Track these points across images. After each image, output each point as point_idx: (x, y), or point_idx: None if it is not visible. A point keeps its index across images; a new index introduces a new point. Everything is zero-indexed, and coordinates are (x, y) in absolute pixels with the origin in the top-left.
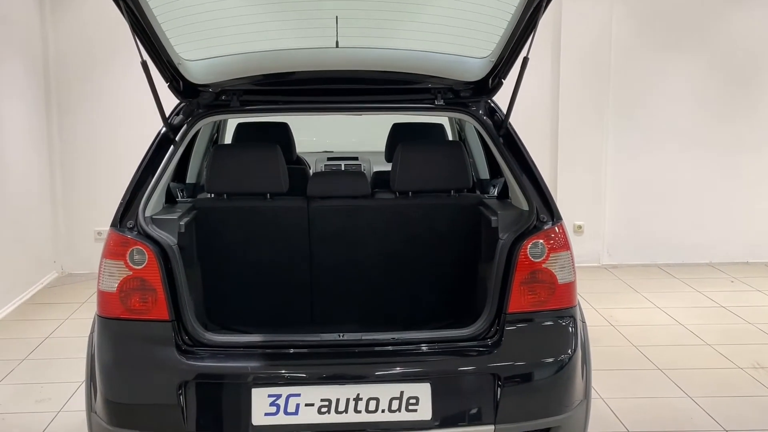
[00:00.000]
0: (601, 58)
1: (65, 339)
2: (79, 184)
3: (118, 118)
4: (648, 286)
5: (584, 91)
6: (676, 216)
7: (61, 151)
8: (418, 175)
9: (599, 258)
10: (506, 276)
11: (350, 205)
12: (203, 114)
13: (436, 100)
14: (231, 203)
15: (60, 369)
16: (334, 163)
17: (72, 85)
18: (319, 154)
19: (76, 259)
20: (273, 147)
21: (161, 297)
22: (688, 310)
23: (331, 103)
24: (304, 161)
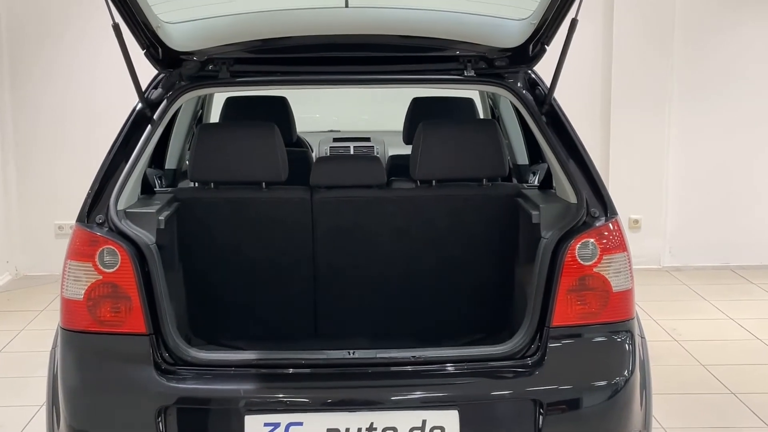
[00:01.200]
0: (663, 22)
1: (20, 354)
2: (37, 170)
3: (85, 93)
4: (718, 293)
5: (643, 60)
6: (754, 210)
7: (14, 131)
8: (443, 161)
9: (660, 259)
10: (550, 282)
11: (361, 197)
12: (186, 87)
13: (465, 70)
14: (219, 194)
15: (14, 391)
16: (341, 145)
17: (27, 56)
18: (323, 134)
19: (33, 259)
20: (269, 126)
21: (137, 306)
22: (767, 322)
23: (338, 75)
24: (305, 143)
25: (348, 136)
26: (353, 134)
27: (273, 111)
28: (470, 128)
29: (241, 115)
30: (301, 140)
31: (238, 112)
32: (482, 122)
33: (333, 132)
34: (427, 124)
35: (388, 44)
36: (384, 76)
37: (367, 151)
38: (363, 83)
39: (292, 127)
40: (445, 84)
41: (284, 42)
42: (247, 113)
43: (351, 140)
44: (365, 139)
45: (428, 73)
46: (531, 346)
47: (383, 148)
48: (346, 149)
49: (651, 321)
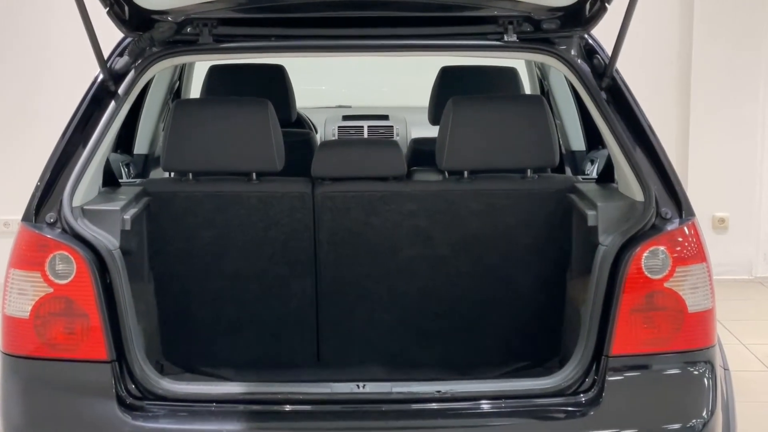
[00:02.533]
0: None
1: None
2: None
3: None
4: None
5: (732, 20)
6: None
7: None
8: (478, 147)
9: (751, 267)
10: (609, 300)
11: (375, 192)
12: (159, 55)
13: (505, 34)
14: (199, 187)
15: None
16: (352, 124)
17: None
18: (330, 110)
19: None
20: (261, 103)
21: (96, 326)
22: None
23: (348, 39)
24: (307, 122)
25: (361, 114)
26: (367, 111)
27: (267, 83)
28: (512, 106)
29: (227, 88)
30: (302, 119)
31: (223, 84)
32: (527, 99)
33: (342, 108)
34: (459, 100)
35: (410, 1)
36: (405, 41)
37: (385, 132)
38: (379, 50)
39: (290, 102)
40: (481, 51)
41: None
42: (235, 86)
43: (364, 118)
44: (382, 117)
45: (460, 38)
46: (585, 380)
47: (404, 129)
48: (359, 130)
49: (739, 346)
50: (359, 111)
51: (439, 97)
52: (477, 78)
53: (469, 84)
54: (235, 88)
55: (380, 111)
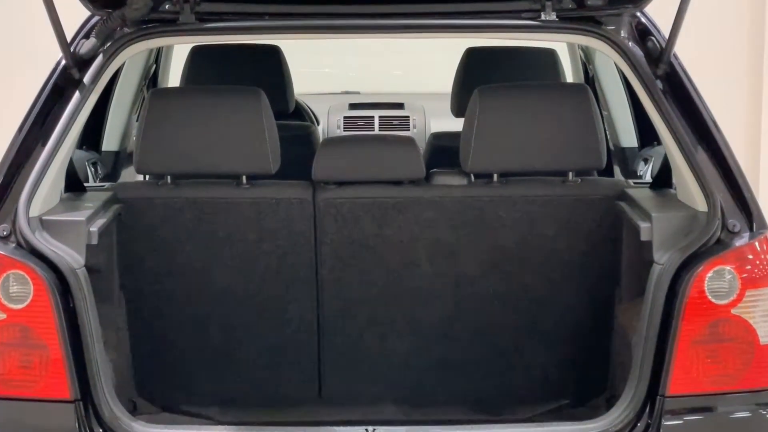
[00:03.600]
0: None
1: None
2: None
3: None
4: None
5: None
6: None
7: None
8: (510, 145)
9: None
10: (666, 329)
11: (389, 198)
12: (132, 36)
13: (543, 11)
14: (179, 192)
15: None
16: (361, 115)
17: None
18: (335, 98)
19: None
20: (252, 93)
21: (56, 358)
22: None
23: (356, 18)
24: (307, 113)
25: (371, 102)
26: (379, 98)
27: (259, 67)
28: (551, 97)
29: (212, 74)
30: (301, 108)
31: (208, 69)
32: (569, 88)
33: (349, 95)
34: (487, 90)
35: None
36: (422, 20)
37: (399, 124)
38: (392, 32)
39: (287, 90)
40: (513, 33)
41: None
42: (222, 71)
43: (375, 107)
44: (396, 105)
45: (488, 17)
46: (638, 424)
47: (422, 120)
48: (368, 121)
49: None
50: (369, 98)
51: (464, 85)
52: (508, 62)
53: (500, 69)
54: (222, 74)
55: (394, 98)
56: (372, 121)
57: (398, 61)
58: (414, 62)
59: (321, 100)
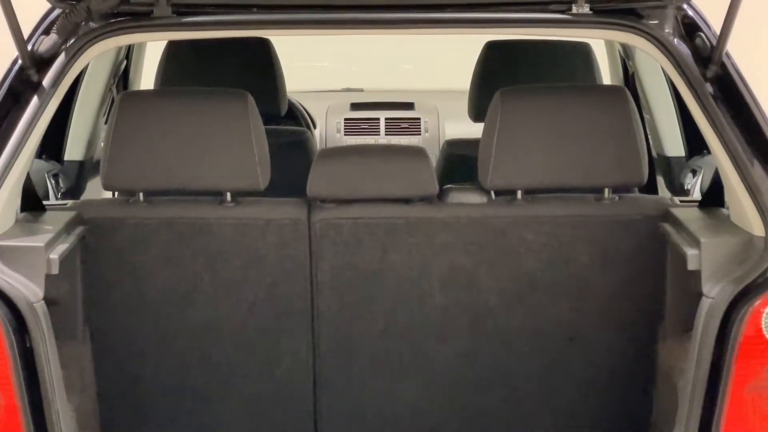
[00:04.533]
0: None
1: None
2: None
3: None
4: None
5: None
6: None
7: None
8: (536, 156)
9: None
10: (717, 371)
11: (396, 218)
12: (99, 33)
13: (574, 4)
14: (154, 211)
15: None
16: (364, 116)
17: None
18: (334, 96)
19: None
20: (237, 96)
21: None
22: None
23: (359, 11)
24: (302, 115)
25: (376, 101)
26: (385, 96)
27: (246, 64)
28: (584, 101)
29: (191, 73)
30: (295, 110)
31: (186, 67)
32: (605, 90)
33: (351, 92)
34: (510, 92)
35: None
36: (435, 14)
37: (409, 127)
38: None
39: (278, 89)
40: (539, 28)
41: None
42: (202, 70)
43: (381, 107)
44: (405, 105)
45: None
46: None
47: (435, 123)
48: (373, 124)
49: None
50: (374, 96)
51: (483, 85)
52: (535, 58)
53: (525, 66)
54: (203, 73)
55: (402, 97)
56: (377, 124)
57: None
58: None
59: (318, 98)
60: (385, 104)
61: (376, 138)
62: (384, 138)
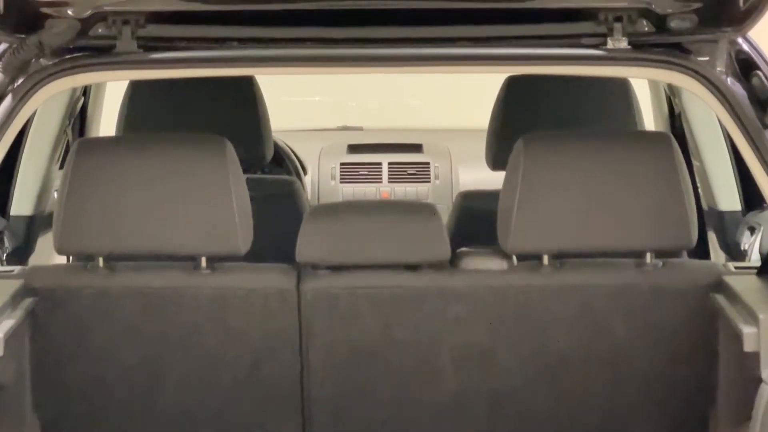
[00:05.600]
0: None
1: None
2: None
3: None
4: None
5: None
6: None
7: None
8: (566, 215)
9: None
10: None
11: (401, 287)
12: (53, 71)
13: (610, 37)
14: (116, 279)
15: None
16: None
17: None
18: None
19: None
20: (214, 144)
21: None
22: None
23: (360, 46)
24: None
25: (378, 142)
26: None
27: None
28: (622, 149)
29: (159, 115)
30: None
31: (154, 108)
32: (647, 137)
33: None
34: (535, 139)
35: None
36: (450, 50)
37: (417, 173)
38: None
39: (262, 131)
40: (571, 66)
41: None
42: (172, 112)
43: (383, 149)
44: (412, 147)
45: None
46: None
47: (447, 169)
48: (374, 170)
49: None
50: (375, 137)
51: (504, 127)
52: (564, 96)
53: (552, 106)
54: (173, 115)
55: (409, 137)
56: (379, 170)
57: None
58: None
59: (309, 139)
60: (389, 146)
61: (377, 186)
62: (387, 186)
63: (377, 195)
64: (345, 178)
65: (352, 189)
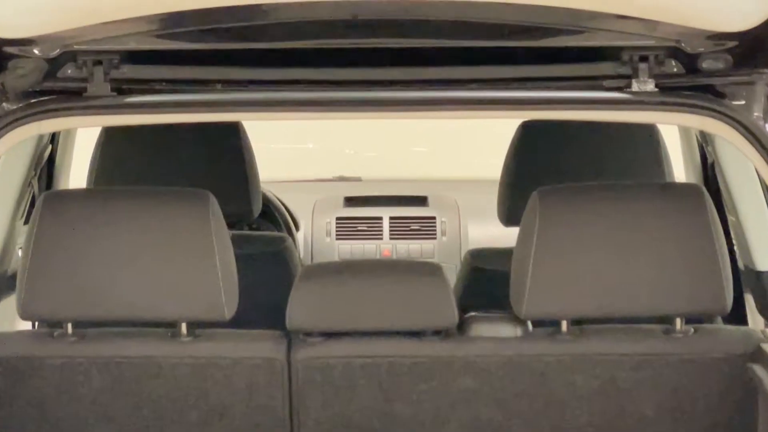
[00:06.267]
0: None
1: None
2: None
3: None
4: None
5: None
6: None
7: None
8: (586, 277)
9: None
10: None
11: (404, 357)
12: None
13: (635, 79)
14: (85, 348)
15: None
16: (362, 214)
17: None
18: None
19: None
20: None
21: None
22: None
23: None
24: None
25: (378, 194)
26: (389, 188)
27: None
28: (648, 203)
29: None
30: (271, 206)
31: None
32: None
33: (345, 182)
34: (552, 193)
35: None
36: (460, 92)
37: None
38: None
39: (249, 183)
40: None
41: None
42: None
43: (384, 203)
44: (416, 200)
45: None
46: None
47: (455, 224)
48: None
49: None
50: (375, 188)
51: (518, 179)
52: (584, 145)
53: (571, 155)
54: (150, 165)
55: (412, 188)
56: (380, 225)
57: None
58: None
59: (303, 191)
60: (390, 198)
61: (378, 243)
62: (388, 243)
63: (378, 253)
64: (342, 234)
65: (350, 247)
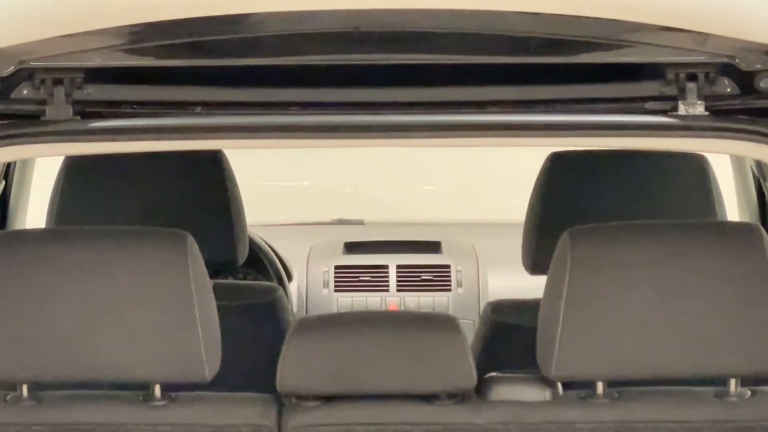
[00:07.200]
0: None
1: None
2: None
3: None
4: None
5: None
6: None
7: None
8: (626, 332)
9: None
10: None
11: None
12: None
13: (682, 101)
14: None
15: None
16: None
17: None
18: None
19: None
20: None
21: None
22: None
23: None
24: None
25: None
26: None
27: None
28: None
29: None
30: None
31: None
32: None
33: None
34: (586, 234)
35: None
36: (478, 116)
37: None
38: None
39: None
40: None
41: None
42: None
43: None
44: (428, 246)
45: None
46: None
47: (474, 274)
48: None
49: None
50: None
51: (545, 219)
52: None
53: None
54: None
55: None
56: (386, 275)
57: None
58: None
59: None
60: (397, 244)
61: (383, 296)
62: (395, 296)
63: (383, 308)
64: (341, 285)
65: (351, 299)
